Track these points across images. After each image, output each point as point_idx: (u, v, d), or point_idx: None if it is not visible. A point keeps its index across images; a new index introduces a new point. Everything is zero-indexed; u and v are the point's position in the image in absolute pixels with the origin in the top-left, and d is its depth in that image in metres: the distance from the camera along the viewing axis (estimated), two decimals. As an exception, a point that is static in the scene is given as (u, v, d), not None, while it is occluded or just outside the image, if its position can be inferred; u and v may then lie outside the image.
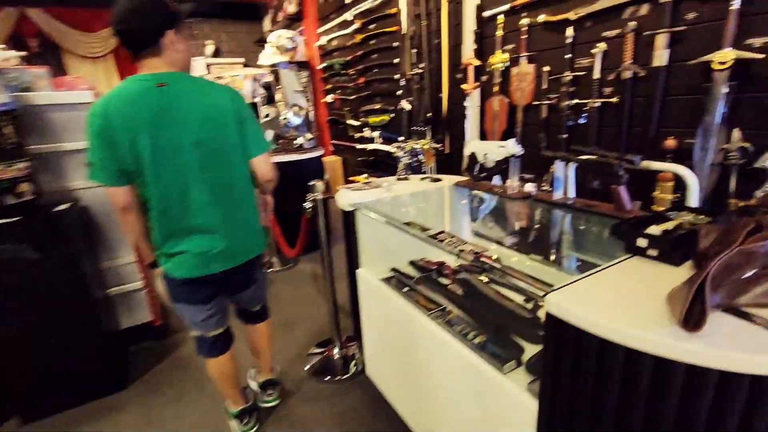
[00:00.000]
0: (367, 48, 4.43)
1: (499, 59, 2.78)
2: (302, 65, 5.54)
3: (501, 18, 2.71)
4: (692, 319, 0.62)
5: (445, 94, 3.42)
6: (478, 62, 2.97)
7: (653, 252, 0.91)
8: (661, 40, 1.90)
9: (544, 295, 0.84)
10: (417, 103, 3.82)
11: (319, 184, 2.10)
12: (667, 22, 1.86)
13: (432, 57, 3.49)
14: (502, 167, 1.66)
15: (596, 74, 2.21)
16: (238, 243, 1.74)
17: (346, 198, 1.85)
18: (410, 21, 3.64)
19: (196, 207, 1.61)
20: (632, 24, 2.00)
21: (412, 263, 1.97)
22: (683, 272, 0.89)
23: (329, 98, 5.55)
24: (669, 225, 0.99)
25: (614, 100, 2.16)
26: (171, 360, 2.67)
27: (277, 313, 3.15)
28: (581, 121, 2.34)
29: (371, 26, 4.31)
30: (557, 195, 1.49)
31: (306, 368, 2.31)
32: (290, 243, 3.27)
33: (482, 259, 1.89)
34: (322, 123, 5.96)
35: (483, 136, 3.11)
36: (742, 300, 0.69)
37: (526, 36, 2.57)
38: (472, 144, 1.91)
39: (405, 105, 3.93)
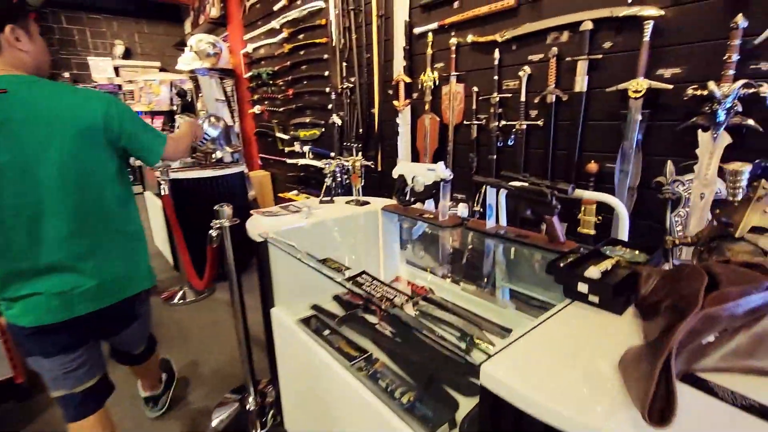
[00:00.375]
0: (296, 58, 4.20)
1: (429, 77, 2.72)
2: (226, 73, 5.15)
3: (430, 36, 2.65)
4: (656, 408, 0.49)
5: (377, 110, 3.30)
6: (408, 79, 2.89)
7: (594, 298, 0.81)
8: (581, 66, 1.93)
9: (479, 365, 0.68)
10: (349, 118, 3.66)
11: (226, 209, 1.81)
12: (586, 49, 1.90)
13: (363, 71, 3.37)
14: (432, 192, 1.54)
15: (522, 97, 2.21)
16: (112, 279, 1.40)
17: (257, 226, 1.60)
18: (339, 33, 3.49)
19: (52, 240, 1.26)
20: (554, 50, 2.02)
21: (337, 298, 1.77)
22: (626, 321, 0.79)
23: (257, 109, 5.20)
24: (607, 264, 0.90)
25: (540, 123, 2.17)
26: (37, 426, 2.15)
27: (185, 352, 2.74)
28: (510, 142, 2.33)
29: (300, 36, 4.10)
30: (490, 223, 1.39)
31: (213, 424, 1.96)
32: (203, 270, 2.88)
33: (414, 290, 1.77)
34: (249, 135, 5.57)
35: (415, 154, 3.02)
36: (700, 365, 0.59)
37: (455, 55, 2.53)
38: (401, 166, 1.76)
39: (336, 120, 3.75)
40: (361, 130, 3.51)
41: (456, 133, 2.68)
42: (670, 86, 1.65)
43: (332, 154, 3.98)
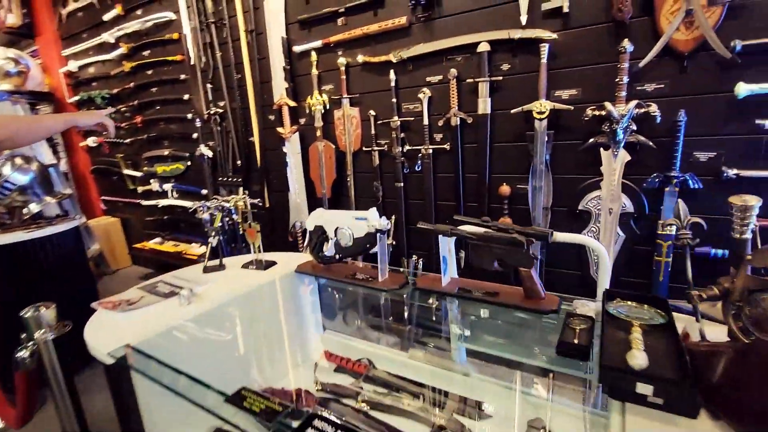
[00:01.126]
0: (142, 79, 3.43)
1: (317, 100, 2.42)
2: (40, 97, 3.96)
3: (314, 56, 2.36)
4: None
5: (257, 138, 2.84)
6: (293, 102, 2.53)
7: (657, 399, 0.62)
8: (483, 88, 1.88)
9: None
10: (222, 148, 3.09)
11: (47, 312, 1.19)
12: (486, 71, 1.85)
13: (234, 94, 2.88)
14: (366, 246, 1.23)
15: (425, 120, 2.08)
16: None
17: (105, 333, 1.05)
18: (199, 50, 2.93)
19: None
20: (453, 71, 1.93)
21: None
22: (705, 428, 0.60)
23: (91, 141, 4.12)
24: (637, 337, 0.72)
25: (447, 146, 2.06)
26: None
27: None
28: (417, 168, 2.17)
29: (145, 53, 3.36)
30: (446, 280, 1.14)
31: None
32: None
33: (351, 368, 1.36)
34: (85, 174, 4.39)
35: (310, 185, 2.66)
36: None
37: (345, 77, 2.29)
38: (318, 215, 1.41)
39: (205, 151, 3.14)
40: (239, 162, 2.99)
41: (355, 160, 2.42)
42: (571, 107, 1.68)
43: (204, 191, 3.33)
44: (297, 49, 2.43)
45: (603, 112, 1.60)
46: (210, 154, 3.16)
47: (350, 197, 2.49)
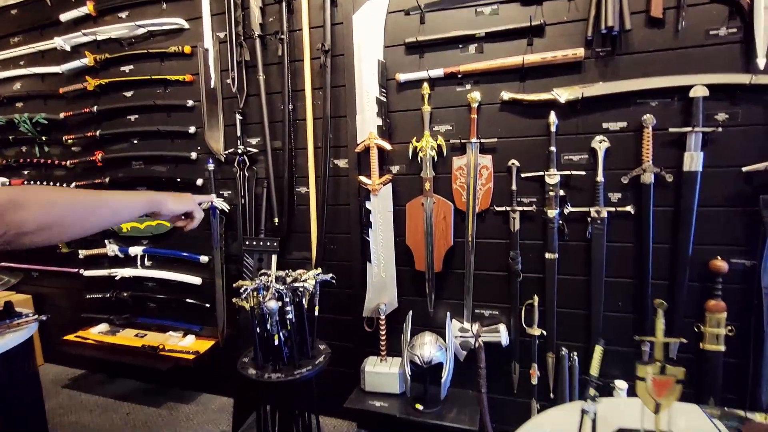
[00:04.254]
0: (114, 102, 2.47)
1: (428, 143, 1.84)
2: None
3: (426, 87, 1.82)
4: None
5: (313, 189, 2.10)
6: (388, 145, 1.91)
7: None
8: (693, 140, 1.52)
9: None
10: (248, 201, 2.25)
11: None
12: (700, 120, 1.50)
13: (279, 130, 2.14)
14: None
15: (599, 176, 1.64)
16: None
17: None
18: (227, 70, 2.18)
19: None
20: (650, 117, 1.55)
21: None
22: None
23: None
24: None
25: (629, 209, 1.62)
26: None
27: None
28: (588, 235, 1.68)
29: (125, 68, 2.44)
30: None
31: None
32: None
33: None
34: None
35: (403, 256, 1.97)
36: None
37: (476, 115, 1.78)
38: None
39: (219, 203, 2.26)
40: (276, 220, 2.17)
41: (479, 223, 1.85)
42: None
43: (204, 259, 2.37)
44: (401, 77, 1.87)
45: None
46: (226, 207, 2.28)
47: (468, 272, 1.86)
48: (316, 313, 1.84)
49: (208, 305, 2.44)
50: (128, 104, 2.46)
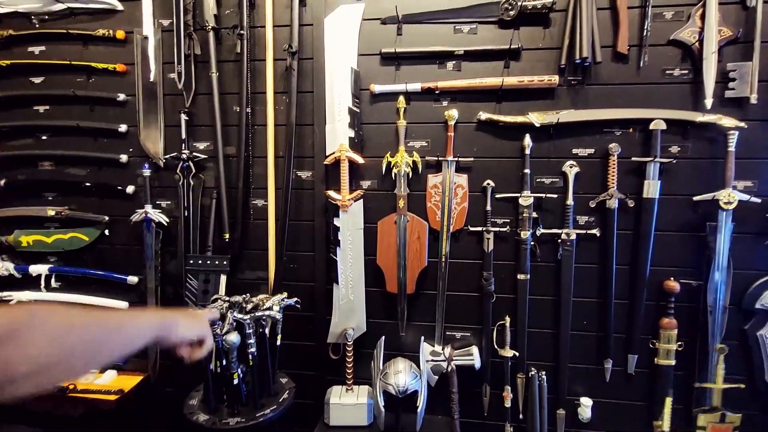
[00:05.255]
0: (19, 89, 2.02)
1: (402, 159, 1.76)
2: None
3: (402, 101, 1.75)
4: None
5: (272, 202, 1.90)
6: (360, 159, 1.79)
7: None
8: (652, 169, 1.64)
9: None
10: (193, 213, 1.97)
11: None
12: (657, 151, 1.62)
13: (232, 135, 1.92)
14: None
15: (569, 199, 1.69)
16: None
17: None
18: (173, 62, 1.90)
19: None
20: (615, 146, 1.64)
21: None
22: None
23: None
24: None
25: (595, 231, 1.69)
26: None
27: None
28: (559, 256, 1.72)
29: (35, 49, 2.01)
30: None
31: None
32: None
33: None
34: None
35: (373, 277, 1.86)
36: None
37: (453, 133, 1.74)
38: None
39: (156, 215, 1.94)
40: (226, 236, 1.93)
41: (453, 242, 1.80)
42: (758, 200, 1.57)
43: (133, 280, 2.02)
44: (377, 89, 1.77)
45: (795, 208, 1.53)
46: (165, 220, 1.97)
47: (441, 293, 1.81)
48: (278, 342, 1.64)
49: (135, 333, 2.07)
50: (37, 92, 2.03)
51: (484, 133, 1.76)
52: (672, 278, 1.66)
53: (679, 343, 1.68)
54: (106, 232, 2.06)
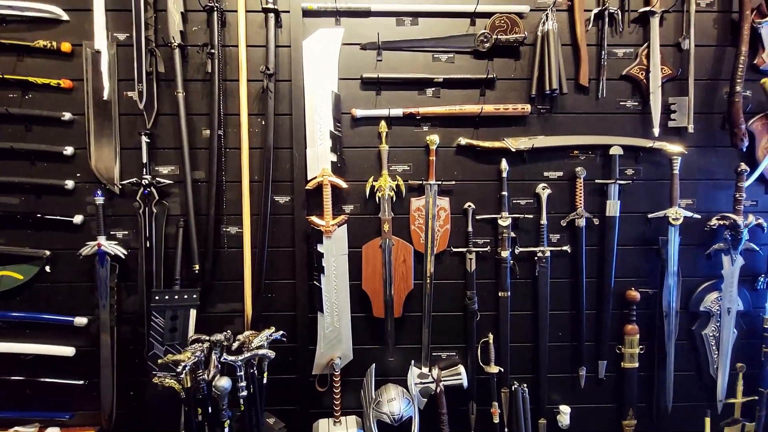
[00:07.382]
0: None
1: (386, 183, 1.77)
2: None
3: (383, 125, 1.76)
4: None
5: (247, 230, 1.80)
6: (343, 183, 1.76)
7: None
8: (613, 190, 1.81)
9: None
10: (156, 244, 1.80)
11: None
12: (616, 174, 1.80)
13: (201, 159, 1.80)
14: None
15: (543, 219, 1.81)
16: None
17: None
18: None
19: None
20: (581, 169, 1.79)
21: None
22: None
23: None
24: None
25: (567, 248, 1.83)
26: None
27: None
28: (536, 273, 1.82)
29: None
30: None
31: None
32: None
33: None
34: None
35: (358, 301, 1.82)
36: None
37: (434, 158, 1.79)
38: None
39: (111, 247, 1.74)
40: (196, 267, 1.78)
41: (437, 263, 1.83)
42: (699, 216, 1.80)
43: (81, 322, 1.78)
44: (358, 113, 1.76)
45: (727, 222, 1.78)
46: (123, 252, 1.77)
47: (426, 315, 1.82)
48: (265, 380, 1.54)
49: (82, 382, 1.83)
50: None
51: (464, 157, 1.83)
52: (633, 288, 1.83)
53: (641, 346, 1.85)
54: (47, 268, 1.80)
